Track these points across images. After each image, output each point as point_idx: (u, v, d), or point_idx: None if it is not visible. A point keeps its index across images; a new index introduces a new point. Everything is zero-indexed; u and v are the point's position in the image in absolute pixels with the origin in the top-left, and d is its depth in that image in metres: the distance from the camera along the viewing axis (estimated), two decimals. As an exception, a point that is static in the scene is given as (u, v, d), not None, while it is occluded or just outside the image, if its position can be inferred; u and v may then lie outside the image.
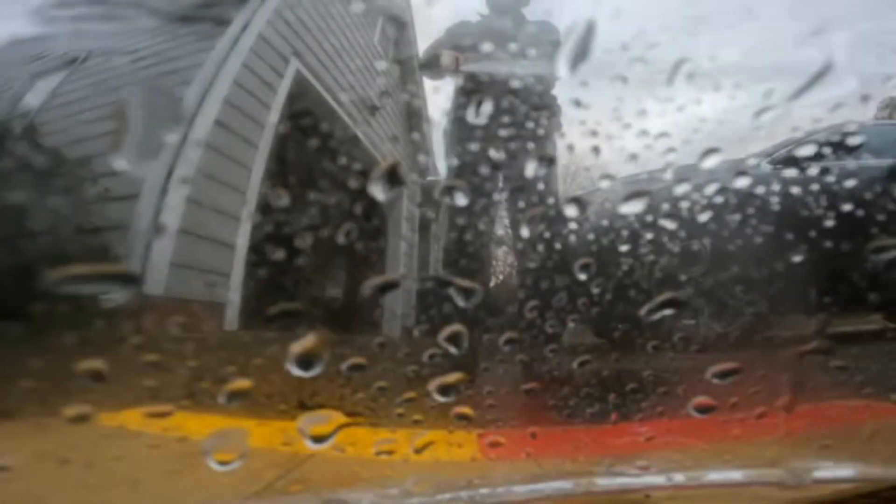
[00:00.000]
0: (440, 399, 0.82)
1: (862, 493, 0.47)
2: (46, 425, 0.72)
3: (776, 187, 1.28)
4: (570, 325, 1.45)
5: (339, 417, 0.73)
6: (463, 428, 0.79)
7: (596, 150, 1.04)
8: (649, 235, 1.26)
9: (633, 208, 0.96)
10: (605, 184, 1.03)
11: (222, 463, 0.64)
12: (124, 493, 0.66)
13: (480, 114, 1.51)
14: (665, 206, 1.17)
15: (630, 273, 1.29)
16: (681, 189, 1.04)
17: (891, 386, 0.95)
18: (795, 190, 1.29)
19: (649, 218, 1.23)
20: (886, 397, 0.93)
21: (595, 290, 1.31)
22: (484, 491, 0.67)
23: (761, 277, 1.25)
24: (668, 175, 1.01)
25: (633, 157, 1.00)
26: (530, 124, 1.48)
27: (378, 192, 0.97)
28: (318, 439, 0.69)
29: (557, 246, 1.37)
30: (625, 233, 1.31)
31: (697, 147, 0.92)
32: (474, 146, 1.51)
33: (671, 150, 0.97)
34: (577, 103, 1.11)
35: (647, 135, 0.98)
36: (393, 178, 0.96)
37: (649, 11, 1.25)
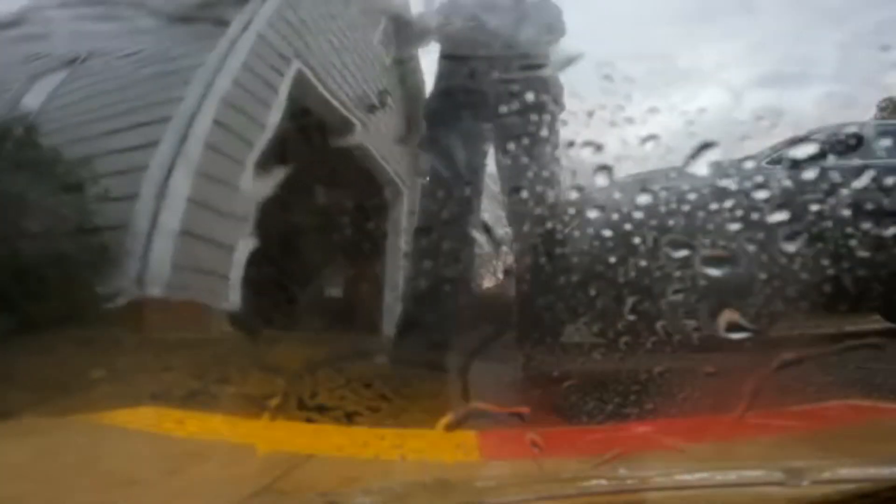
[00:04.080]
0: (440, 399, 0.82)
1: (862, 493, 0.47)
2: (47, 425, 0.72)
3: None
4: (572, 324, 1.44)
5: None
6: (463, 428, 0.79)
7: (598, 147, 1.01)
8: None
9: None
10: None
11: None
12: (125, 492, 0.66)
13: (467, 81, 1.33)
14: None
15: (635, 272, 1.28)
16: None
17: (891, 386, 0.95)
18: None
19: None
20: (887, 397, 0.93)
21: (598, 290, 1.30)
22: (484, 491, 0.67)
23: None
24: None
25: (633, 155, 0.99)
26: (528, 99, 1.35)
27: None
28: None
29: (559, 243, 1.31)
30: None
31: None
32: (461, 125, 1.37)
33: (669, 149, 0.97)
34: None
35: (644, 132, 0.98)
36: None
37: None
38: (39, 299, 0.91)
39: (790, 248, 1.08)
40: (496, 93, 1.35)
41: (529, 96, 1.35)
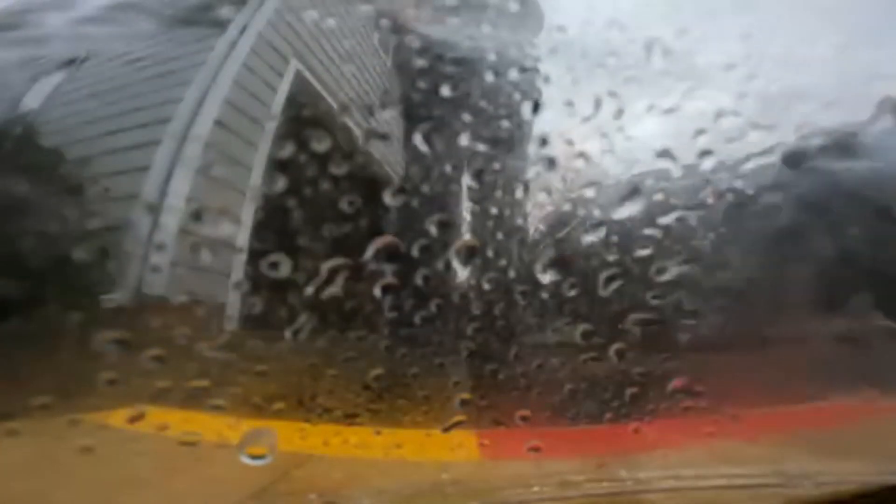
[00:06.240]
0: (439, 401, 0.81)
1: (862, 493, 0.47)
2: (48, 425, 0.72)
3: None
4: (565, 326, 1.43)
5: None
6: (463, 428, 0.80)
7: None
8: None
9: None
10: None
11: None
12: (125, 493, 0.66)
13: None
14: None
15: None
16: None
17: (891, 386, 0.95)
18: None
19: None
20: (887, 397, 0.93)
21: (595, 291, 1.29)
22: (484, 491, 0.67)
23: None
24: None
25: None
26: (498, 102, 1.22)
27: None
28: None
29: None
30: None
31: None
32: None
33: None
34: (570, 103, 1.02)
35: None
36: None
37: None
38: (39, 299, 0.91)
39: (789, 249, 1.08)
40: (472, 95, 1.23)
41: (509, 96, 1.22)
